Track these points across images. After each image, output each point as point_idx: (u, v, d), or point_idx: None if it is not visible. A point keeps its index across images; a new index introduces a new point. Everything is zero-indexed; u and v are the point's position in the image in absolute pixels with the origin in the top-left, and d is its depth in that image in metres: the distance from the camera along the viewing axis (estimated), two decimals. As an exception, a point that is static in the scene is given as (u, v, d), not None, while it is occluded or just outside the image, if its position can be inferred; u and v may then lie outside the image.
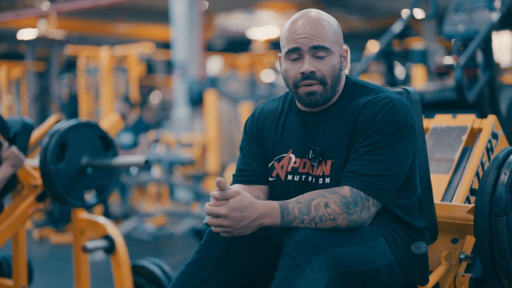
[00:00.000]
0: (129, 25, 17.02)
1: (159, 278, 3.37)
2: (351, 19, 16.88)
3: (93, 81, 9.04)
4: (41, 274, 4.86)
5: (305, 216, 1.82)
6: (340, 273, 1.80)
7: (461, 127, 2.50)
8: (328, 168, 1.97)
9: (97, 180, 3.22)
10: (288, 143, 2.06)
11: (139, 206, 7.77)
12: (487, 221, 1.95)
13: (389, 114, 1.91)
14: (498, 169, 2.00)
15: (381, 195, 1.89)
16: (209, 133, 8.45)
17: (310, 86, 1.96)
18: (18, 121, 3.19)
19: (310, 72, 1.95)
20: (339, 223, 1.84)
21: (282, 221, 1.82)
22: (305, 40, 1.95)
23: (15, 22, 14.58)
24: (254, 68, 11.56)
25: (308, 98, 1.97)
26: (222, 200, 1.79)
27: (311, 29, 1.95)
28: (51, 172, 3.03)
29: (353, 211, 1.85)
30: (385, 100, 1.94)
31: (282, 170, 2.06)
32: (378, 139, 1.89)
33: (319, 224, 1.83)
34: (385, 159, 1.88)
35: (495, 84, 3.89)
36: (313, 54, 1.95)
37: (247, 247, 1.95)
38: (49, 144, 3.06)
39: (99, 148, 3.22)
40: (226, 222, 1.78)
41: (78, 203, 3.15)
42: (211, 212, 1.79)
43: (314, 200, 1.84)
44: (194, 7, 10.17)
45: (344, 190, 1.86)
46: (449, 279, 2.10)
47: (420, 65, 6.43)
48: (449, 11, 4.03)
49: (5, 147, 3.03)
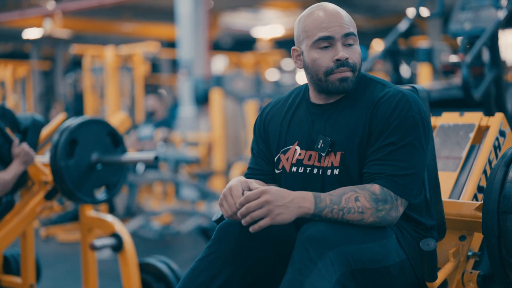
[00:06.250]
0: (134, 24, 17.03)
1: (166, 275, 3.38)
2: (356, 18, 16.84)
3: (98, 80, 9.06)
4: (48, 272, 4.88)
5: (335, 206, 1.85)
6: (352, 270, 1.81)
7: (468, 125, 2.50)
8: (337, 160, 1.98)
9: (107, 177, 3.25)
10: (294, 135, 2.08)
11: (145, 205, 7.79)
12: (495, 218, 1.95)
13: (405, 109, 1.93)
14: (506, 167, 2.00)
15: (408, 194, 1.91)
16: (214, 132, 8.46)
17: (344, 73, 1.98)
18: (28, 118, 3.21)
19: (346, 58, 1.97)
20: (366, 217, 1.86)
21: (315, 208, 1.84)
22: (337, 28, 1.97)
23: (20, 21, 14.60)
24: (259, 67, 11.55)
25: (341, 84, 1.99)
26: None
27: (339, 17, 1.98)
28: (61, 168, 3.06)
29: (382, 208, 1.87)
30: (399, 95, 1.95)
31: (287, 162, 2.08)
32: (399, 138, 1.90)
33: (346, 215, 1.85)
34: (408, 158, 1.90)
35: (502, 82, 3.89)
36: (343, 42, 1.98)
37: (257, 243, 1.96)
38: (59, 141, 3.09)
39: (108, 144, 3.25)
40: (267, 197, 1.80)
41: (88, 199, 3.18)
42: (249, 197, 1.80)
43: (345, 194, 1.87)
44: (199, 6, 10.17)
45: (374, 187, 1.88)
46: (457, 276, 2.11)
47: (425, 64, 6.42)
48: (455, 9, 4.03)
49: (16, 144, 3.05)
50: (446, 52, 6.26)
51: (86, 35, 17.91)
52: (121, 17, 16.11)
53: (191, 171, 8.11)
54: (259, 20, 18.03)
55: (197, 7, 10.12)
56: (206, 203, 7.17)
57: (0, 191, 2.98)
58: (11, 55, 20.01)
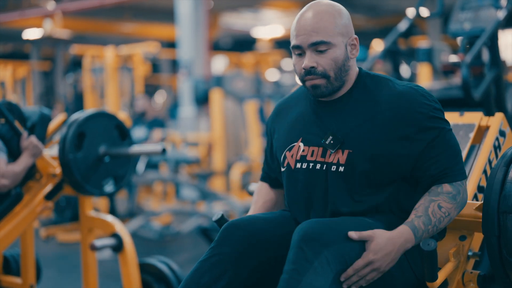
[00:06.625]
0: (134, 24, 17.04)
1: (166, 276, 3.38)
2: (356, 18, 16.86)
3: (98, 80, 9.06)
4: (48, 273, 4.88)
5: (429, 226, 1.93)
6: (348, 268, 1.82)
7: (468, 124, 2.50)
8: (344, 158, 1.98)
9: (115, 169, 3.30)
10: (298, 132, 2.09)
11: (145, 205, 7.79)
12: (496, 218, 1.95)
13: (422, 103, 1.97)
14: (507, 166, 2.00)
15: (464, 172, 2.01)
16: (214, 132, 8.46)
17: (313, 80, 1.99)
18: (36, 111, 3.25)
19: (310, 67, 1.98)
20: (453, 215, 1.98)
21: (416, 241, 1.91)
22: (303, 37, 1.98)
23: (20, 21, 14.60)
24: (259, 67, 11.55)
25: (314, 91, 2.01)
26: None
27: (311, 24, 1.97)
28: (70, 161, 3.10)
29: (460, 199, 1.98)
30: (412, 92, 1.99)
31: (292, 158, 2.08)
32: (431, 133, 1.96)
33: (439, 226, 1.95)
34: (447, 145, 1.98)
35: (502, 82, 3.89)
36: (314, 49, 1.98)
37: (261, 245, 1.96)
38: (67, 134, 3.14)
39: (115, 137, 3.30)
40: (376, 265, 1.83)
41: (96, 191, 3.23)
42: (357, 266, 1.82)
43: (429, 208, 1.94)
44: (199, 6, 10.17)
45: (445, 187, 1.97)
46: (457, 276, 2.10)
47: (425, 64, 6.42)
48: (455, 9, 4.03)
49: (25, 137, 3.08)
50: (446, 52, 6.26)
51: (86, 35, 17.91)
52: (121, 18, 16.12)
53: (191, 171, 8.11)
54: (259, 20, 18.03)
55: (197, 7, 10.12)
56: (206, 203, 7.17)
57: (10, 182, 3.02)
58: (11, 55, 20.02)
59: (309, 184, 2.02)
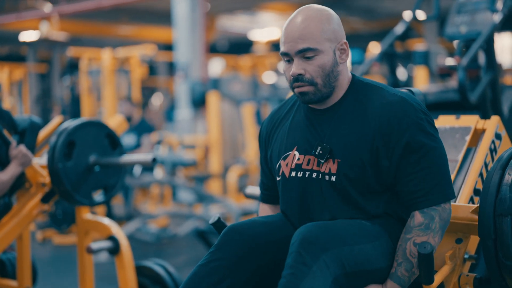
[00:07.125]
0: (131, 27, 17.04)
1: (163, 279, 3.37)
2: (353, 21, 16.88)
3: (95, 82, 9.05)
4: (45, 275, 4.87)
5: (413, 269, 1.91)
6: (346, 272, 1.82)
7: (464, 127, 2.50)
8: (335, 167, 1.97)
9: (105, 179, 3.25)
10: (293, 140, 2.08)
11: (142, 208, 7.78)
12: (492, 221, 1.96)
13: (409, 116, 1.92)
14: (502, 170, 2.01)
15: (448, 193, 1.94)
16: (211, 135, 8.47)
17: (300, 87, 1.99)
18: (26, 120, 3.21)
19: (298, 74, 1.97)
20: (434, 243, 1.92)
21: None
22: (290, 45, 1.97)
23: (17, 24, 14.59)
24: (256, 70, 11.57)
25: (302, 97, 2.01)
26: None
27: (298, 31, 1.96)
28: (59, 170, 3.05)
29: (435, 225, 1.92)
30: (402, 102, 1.95)
31: (286, 167, 2.07)
32: (412, 147, 1.91)
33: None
34: (429, 162, 1.92)
35: (497, 85, 3.89)
36: (301, 56, 1.97)
37: (261, 249, 1.96)
38: (57, 143, 3.08)
39: (106, 146, 3.25)
40: None
41: (86, 201, 3.17)
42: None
43: (405, 250, 1.91)
44: (196, 9, 10.17)
45: (416, 218, 1.92)
46: (453, 279, 2.11)
47: (422, 67, 6.43)
48: (451, 13, 4.04)
49: (14, 146, 3.04)
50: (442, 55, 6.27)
51: (83, 37, 17.90)
52: (118, 20, 16.11)
53: (188, 174, 8.11)
54: (256, 23, 18.04)
55: (194, 9, 10.12)
56: (203, 206, 7.17)
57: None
58: (8, 57, 20.00)
59: (305, 192, 2.01)
